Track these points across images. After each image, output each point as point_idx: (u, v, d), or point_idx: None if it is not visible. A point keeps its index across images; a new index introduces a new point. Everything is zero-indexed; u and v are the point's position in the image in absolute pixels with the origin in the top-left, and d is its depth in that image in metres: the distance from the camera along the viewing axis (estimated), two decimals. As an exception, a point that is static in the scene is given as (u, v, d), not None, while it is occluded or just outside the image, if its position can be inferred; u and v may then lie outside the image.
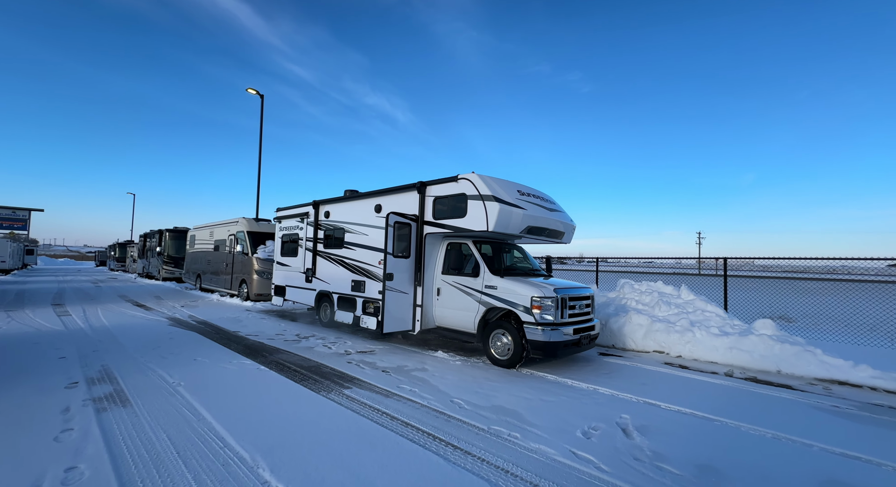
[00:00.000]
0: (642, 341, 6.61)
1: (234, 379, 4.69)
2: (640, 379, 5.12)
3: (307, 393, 4.28)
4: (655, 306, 7.17)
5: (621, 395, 4.42)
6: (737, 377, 5.34)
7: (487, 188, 5.71)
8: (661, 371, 5.56)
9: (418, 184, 6.61)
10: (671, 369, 5.66)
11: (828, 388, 4.85)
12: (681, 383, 5.02)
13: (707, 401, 4.30)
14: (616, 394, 4.45)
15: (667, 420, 3.76)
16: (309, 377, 4.91)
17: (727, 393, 4.66)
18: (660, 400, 4.27)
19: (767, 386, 4.90)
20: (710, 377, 5.29)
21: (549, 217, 6.33)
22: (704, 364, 5.90)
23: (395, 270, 6.40)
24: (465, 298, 6.14)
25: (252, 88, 19.47)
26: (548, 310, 5.28)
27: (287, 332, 7.95)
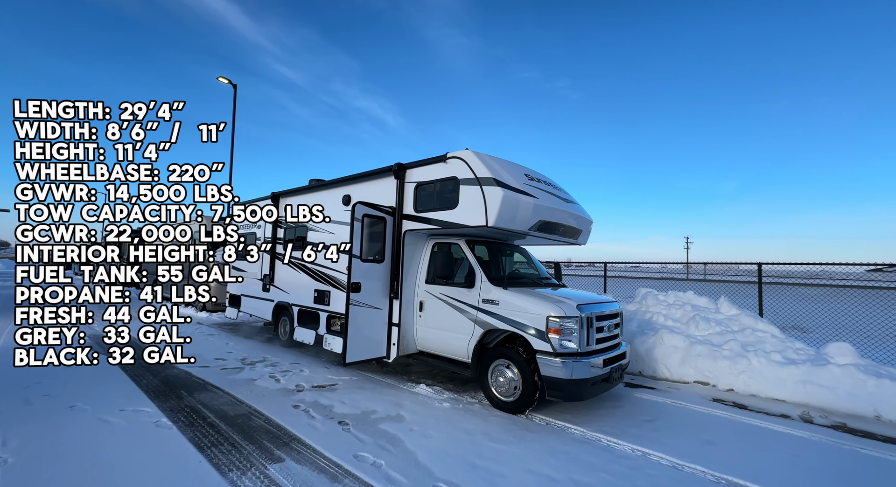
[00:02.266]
0: (679, 368, 5.23)
1: (105, 449, 3.07)
2: (696, 430, 3.71)
3: (207, 477, 2.71)
4: (690, 323, 5.80)
5: (688, 467, 2.98)
6: (819, 423, 3.97)
7: (487, 169, 4.25)
8: (716, 414, 4.16)
9: (395, 166, 5.11)
10: (727, 410, 4.27)
11: (958, 444, 3.52)
12: (753, 436, 3.62)
13: (809, 475, 2.90)
14: (679, 465, 3.01)
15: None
16: (226, 438, 3.33)
17: (825, 453, 3.29)
18: (745, 475, 2.85)
19: (874, 443, 3.54)
20: (786, 424, 3.91)
21: (565, 209, 4.90)
22: (767, 402, 4.53)
23: (365, 278, 4.87)
24: (455, 316, 4.65)
25: (223, 77, 17.73)
26: (570, 335, 3.83)
27: (232, 356, 6.31)
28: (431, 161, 4.84)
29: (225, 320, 10.04)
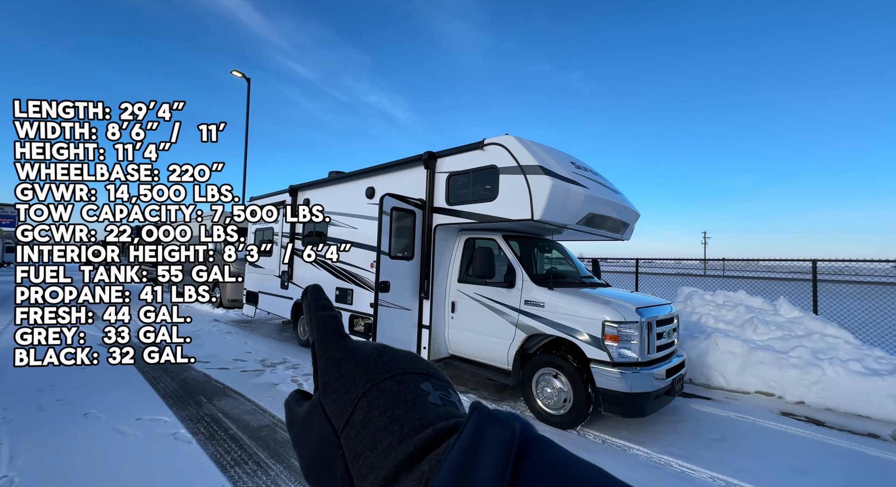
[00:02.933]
0: (737, 377, 4.73)
1: (118, 468, 2.78)
2: (777, 452, 3.24)
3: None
4: (746, 325, 5.28)
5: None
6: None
7: (531, 156, 3.80)
8: (792, 432, 3.68)
9: (426, 155, 4.70)
10: (804, 427, 3.79)
11: None
12: (847, 462, 3.14)
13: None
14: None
15: None
16: (250, 455, 3.00)
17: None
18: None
19: None
20: (880, 447, 3.42)
21: (615, 201, 4.42)
22: (847, 417, 4.02)
23: (393, 277, 4.50)
24: (492, 318, 4.25)
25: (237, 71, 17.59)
26: (629, 342, 3.39)
27: (251, 356, 6.04)
28: (466, 148, 4.42)
29: (242, 317, 9.84)
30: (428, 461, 0.23)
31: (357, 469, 0.26)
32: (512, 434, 0.21)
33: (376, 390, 0.28)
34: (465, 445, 0.21)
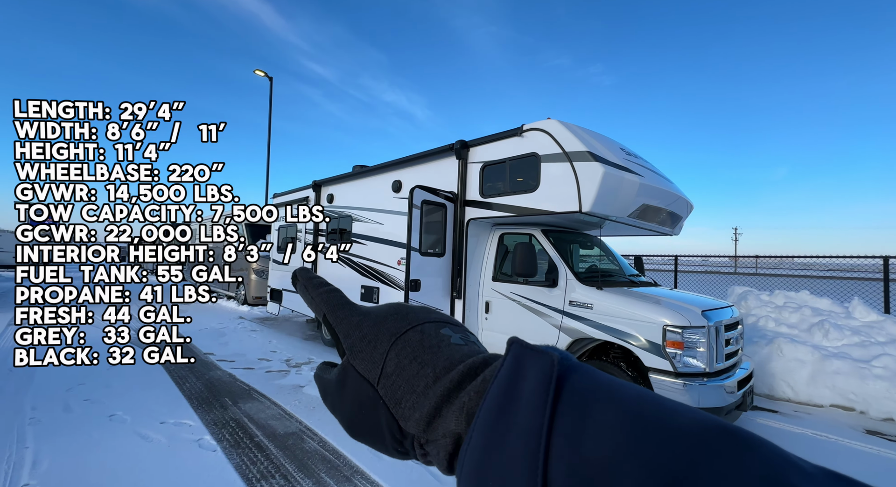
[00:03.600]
0: (807, 388, 4.22)
1: (140, 478, 2.60)
2: (884, 481, 2.77)
3: (258, 529, 2.14)
4: (815, 330, 4.73)
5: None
6: None
7: (579, 141, 3.42)
8: (888, 455, 3.18)
9: (457, 144, 4.39)
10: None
11: None
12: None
13: None
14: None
15: None
16: (277, 467, 2.78)
17: None
18: None
19: None
20: None
21: (671, 191, 3.99)
22: (950, 439, 3.47)
23: (424, 275, 4.21)
24: (532, 320, 3.90)
25: (260, 70, 17.75)
26: (694, 350, 2.98)
27: (276, 356, 5.90)
28: (502, 135, 4.07)
29: (266, 314, 9.82)
30: (466, 392, 0.25)
31: (401, 413, 0.27)
32: (551, 362, 0.21)
33: (401, 342, 0.30)
34: (507, 374, 0.22)
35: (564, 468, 0.18)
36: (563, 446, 0.19)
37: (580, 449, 0.18)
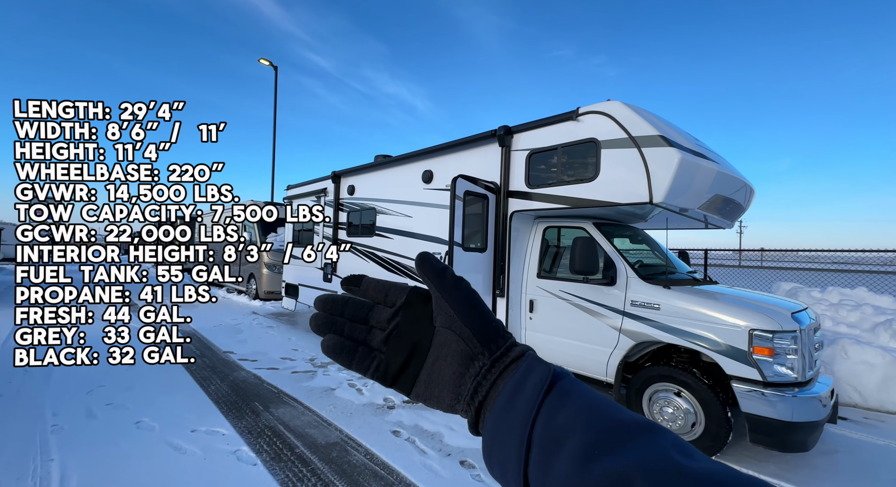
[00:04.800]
0: (878, 393, 3.93)
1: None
2: None
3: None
4: (880, 330, 4.43)
5: None
6: None
7: (649, 125, 3.09)
8: None
9: (501, 130, 4.06)
10: None
11: None
12: None
13: None
14: None
15: None
16: (327, 485, 2.52)
17: None
18: None
19: None
20: None
21: (743, 179, 3.66)
22: None
23: (467, 271, 3.92)
24: (585, 321, 3.61)
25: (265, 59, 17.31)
26: (786, 357, 2.69)
27: (298, 355, 5.65)
28: (552, 120, 3.74)
29: (281, 310, 9.57)
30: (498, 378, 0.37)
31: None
32: (549, 369, 0.34)
33: None
34: (520, 374, 0.35)
35: (541, 431, 0.31)
36: (543, 420, 0.31)
37: (553, 422, 0.31)
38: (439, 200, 4.83)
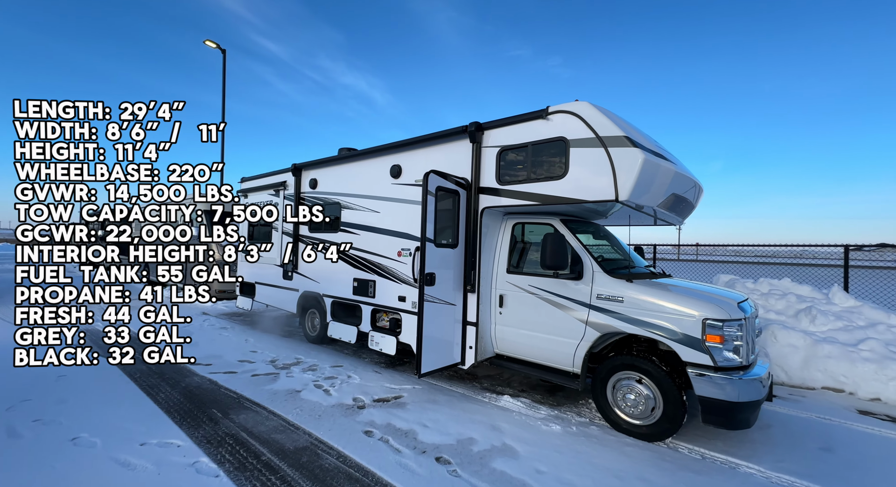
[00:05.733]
0: (801, 372, 4.44)
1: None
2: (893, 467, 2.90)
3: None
4: (802, 316, 4.99)
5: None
6: None
7: (615, 126, 3.23)
8: (890, 436, 3.38)
9: (472, 126, 4.06)
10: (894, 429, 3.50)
11: None
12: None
13: None
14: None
15: None
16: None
17: None
18: None
19: None
20: None
21: (693, 178, 3.93)
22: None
23: (438, 267, 3.90)
24: (553, 314, 3.73)
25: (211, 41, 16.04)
26: (734, 344, 2.95)
27: (258, 357, 5.35)
28: (522, 118, 3.80)
29: (234, 310, 9.01)
30: None
31: None
32: None
33: None
34: None
35: None
36: None
37: None
38: (408, 195, 4.76)
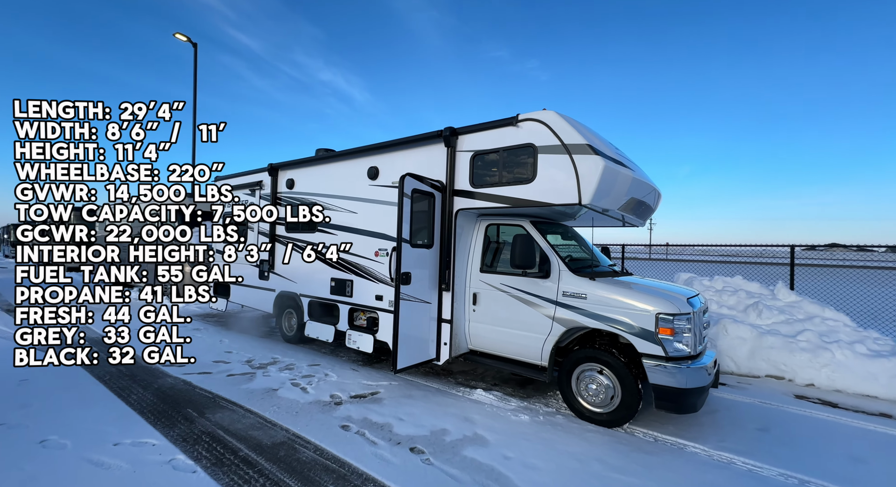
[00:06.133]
0: (748, 361, 4.84)
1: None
2: (822, 441, 3.26)
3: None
4: (750, 311, 5.42)
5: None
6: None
7: (578, 134, 3.46)
8: (819, 416, 3.77)
9: (446, 131, 4.22)
10: (824, 411, 3.90)
11: None
12: (881, 445, 3.23)
13: None
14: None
15: None
16: (276, 483, 2.50)
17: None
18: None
19: None
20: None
21: (651, 184, 4.23)
22: (858, 398, 4.22)
23: (414, 267, 4.04)
24: (524, 311, 3.94)
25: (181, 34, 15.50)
26: (682, 335, 3.23)
27: (233, 357, 5.33)
28: (494, 124, 3.99)
29: (207, 310, 8.83)
30: None
31: None
32: None
33: None
34: None
35: None
36: None
37: None
38: (385, 197, 4.87)
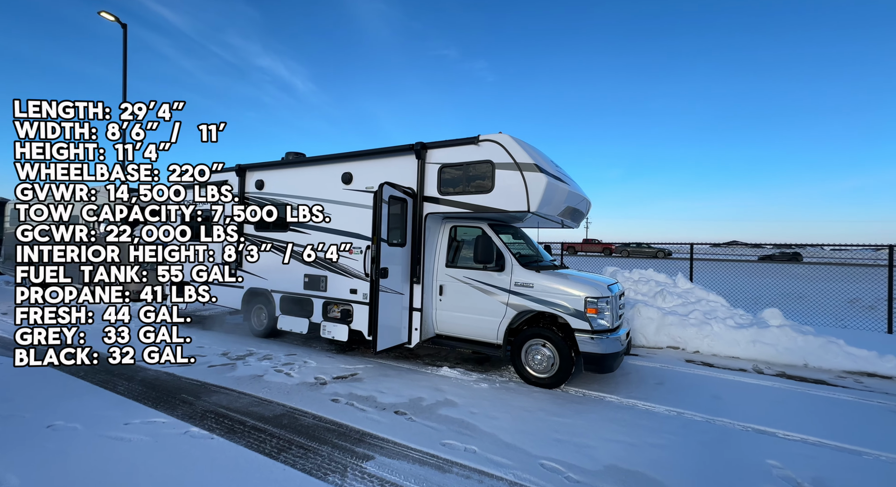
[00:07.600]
0: (654, 336, 6.10)
1: (152, 472, 2.58)
2: (697, 388, 4.44)
3: (308, 485, 2.48)
4: (657, 296, 6.75)
5: (717, 420, 3.59)
6: (767, 373, 5.06)
7: (527, 155, 4.31)
8: (698, 372, 5.02)
9: (417, 145, 4.87)
10: (703, 369, 5.18)
11: (859, 381, 4.81)
12: (735, 388, 4.49)
13: (798, 416, 3.74)
14: (710, 419, 3.61)
15: (818, 459, 3.01)
16: (289, 441, 3.03)
17: (794, 398, 4.23)
18: (759, 421, 3.57)
19: (813, 385, 4.64)
20: (749, 376, 4.90)
21: (582, 195, 5.23)
22: (727, 359, 5.59)
23: (390, 263, 4.65)
24: (483, 299, 4.74)
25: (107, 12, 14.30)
26: (604, 314, 4.22)
27: (207, 351, 5.55)
28: (459, 142, 4.73)
29: (161, 309, 8.60)
30: None
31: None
32: None
33: None
34: None
35: None
36: None
37: None
38: (359, 200, 5.41)
